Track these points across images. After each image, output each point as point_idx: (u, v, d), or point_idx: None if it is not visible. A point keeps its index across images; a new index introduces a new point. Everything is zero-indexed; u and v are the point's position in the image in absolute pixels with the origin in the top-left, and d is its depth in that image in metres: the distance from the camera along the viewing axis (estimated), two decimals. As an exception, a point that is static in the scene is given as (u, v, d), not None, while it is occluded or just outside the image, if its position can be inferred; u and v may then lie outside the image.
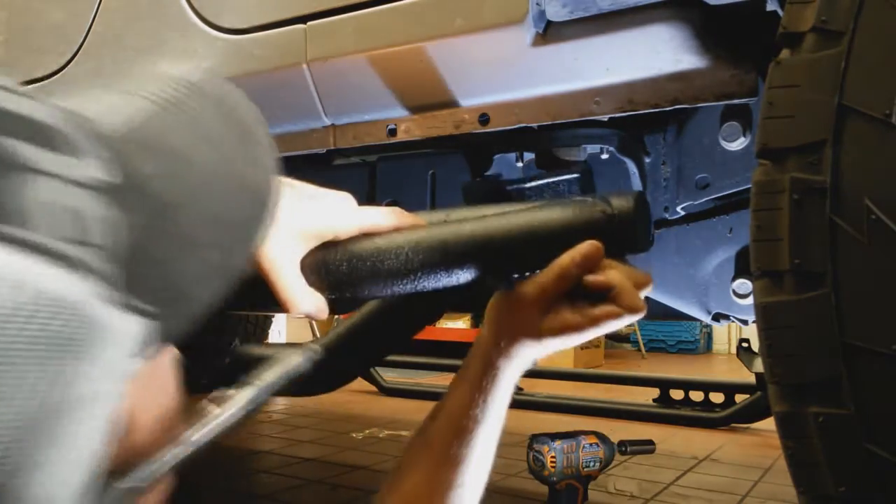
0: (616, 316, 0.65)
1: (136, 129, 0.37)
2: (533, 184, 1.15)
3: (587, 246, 0.66)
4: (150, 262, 0.35)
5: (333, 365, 0.96)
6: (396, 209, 0.76)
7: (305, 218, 0.71)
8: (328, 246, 0.72)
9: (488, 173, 1.27)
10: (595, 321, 0.66)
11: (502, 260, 0.68)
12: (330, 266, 0.71)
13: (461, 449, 0.70)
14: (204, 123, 0.40)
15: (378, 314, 0.93)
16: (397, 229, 0.74)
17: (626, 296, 0.65)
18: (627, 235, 0.67)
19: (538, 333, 0.68)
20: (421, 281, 0.70)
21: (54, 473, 0.30)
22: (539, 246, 0.67)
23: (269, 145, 0.45)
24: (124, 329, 0.33)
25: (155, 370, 0.42)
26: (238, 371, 1.00)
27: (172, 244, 0.36)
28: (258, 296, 0.69)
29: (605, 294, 0.66)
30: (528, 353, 0.70)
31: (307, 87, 1.18)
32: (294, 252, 0.71)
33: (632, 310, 0.65)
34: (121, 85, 0.41)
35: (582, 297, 0.67)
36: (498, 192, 1.17)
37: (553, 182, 1.14)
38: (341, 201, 0.74)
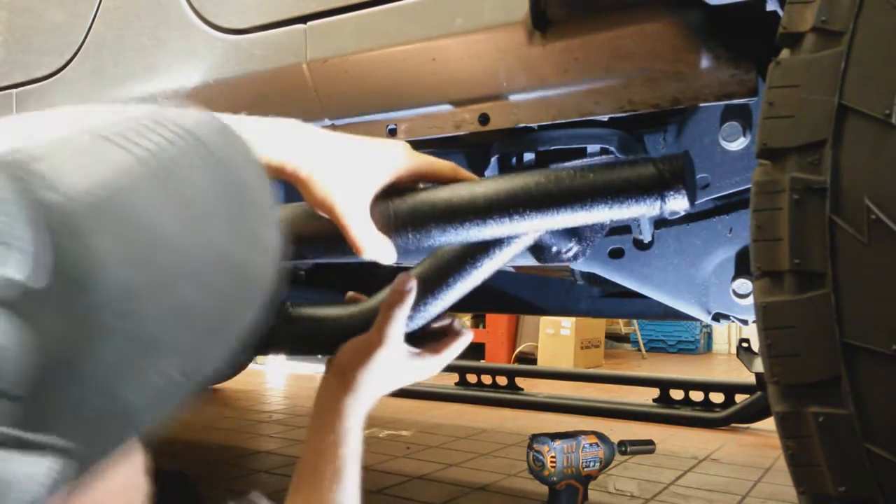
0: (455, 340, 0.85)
1: (99, 197, 0.28)
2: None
3: (400, 281, 0.81)
4: (71, 383, 0.27)
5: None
6: (452, 163, 0.79)
7: (368, 163, 0.73)
8: (395, 194, 0.75)
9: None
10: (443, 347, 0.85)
11: (563, 212, 0.71)
12: (398, 213, 0.74)
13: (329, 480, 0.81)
14: (191, 187, 0.32)
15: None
16: (456, 180, 0.77)
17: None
18: (679, 190, 0.72)
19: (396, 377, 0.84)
20: (485, 229, 0.73)
21: None
22: (601, 200, 0.71)
23: (272, 218, 0.37)
24: (19, 476, 0.26)
25: (110, 491, 0.33)
26: (290, 333, 1.00)
27: (113, 352, 0.28)
28: (327, 240, 0.72)
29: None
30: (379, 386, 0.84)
31: (307, 88, 1.18)
32: (363, 197, 0.72)
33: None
34: (106, 118, 0.33)
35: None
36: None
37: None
38: (399, 145, 0.77)
